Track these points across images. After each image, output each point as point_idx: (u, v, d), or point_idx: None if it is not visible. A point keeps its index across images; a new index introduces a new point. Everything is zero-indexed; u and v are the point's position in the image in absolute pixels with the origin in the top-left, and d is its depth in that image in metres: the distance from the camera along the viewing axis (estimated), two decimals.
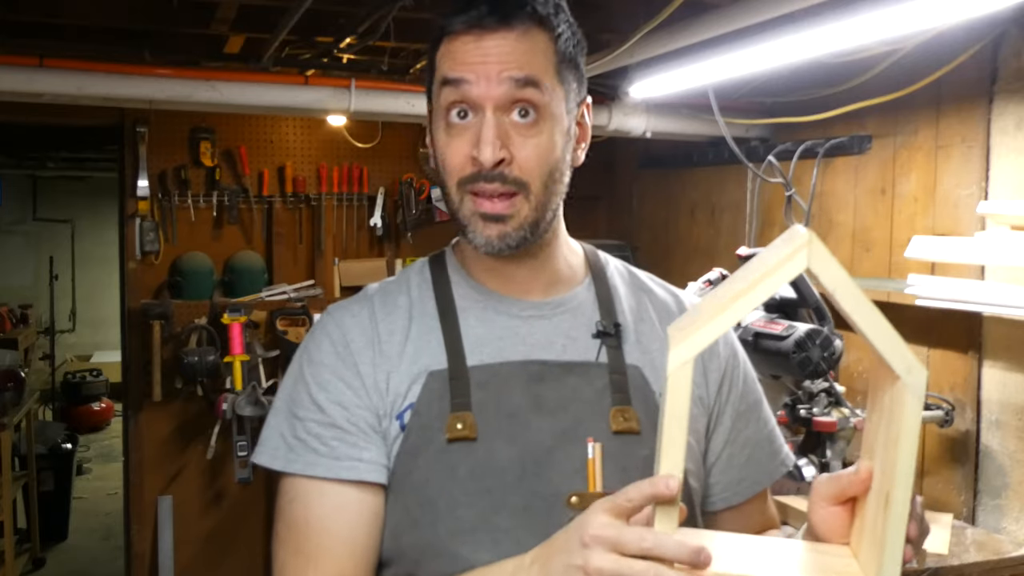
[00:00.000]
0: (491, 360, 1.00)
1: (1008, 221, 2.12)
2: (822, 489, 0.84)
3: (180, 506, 3.74)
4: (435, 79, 1.00)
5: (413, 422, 0.98)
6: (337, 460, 0.97)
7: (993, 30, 2.17)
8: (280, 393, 1.05)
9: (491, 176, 0.95)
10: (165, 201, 3.68)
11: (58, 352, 8.06)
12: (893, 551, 0.75)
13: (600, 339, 1.04)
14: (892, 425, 0.76)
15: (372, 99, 2.85)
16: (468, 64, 0.95)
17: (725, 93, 2.81)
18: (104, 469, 6.85)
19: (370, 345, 1.02)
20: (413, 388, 0.99)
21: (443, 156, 0.99)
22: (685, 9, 2.01)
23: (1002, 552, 2.07)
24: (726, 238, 3.29)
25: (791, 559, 0.81)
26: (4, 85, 2.49)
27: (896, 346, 0.74)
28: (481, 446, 0.96)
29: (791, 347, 2.07)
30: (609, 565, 0.73)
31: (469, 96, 0.95)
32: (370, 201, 3.92)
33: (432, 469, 0.96)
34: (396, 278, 1.10)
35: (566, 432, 0.98)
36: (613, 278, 1.11)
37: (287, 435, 1.00)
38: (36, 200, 8.95)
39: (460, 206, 0.99)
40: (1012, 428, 2.18)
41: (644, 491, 0.75)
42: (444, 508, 0.95)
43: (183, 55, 2.82)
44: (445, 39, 0.98)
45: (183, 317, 3.65)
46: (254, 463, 1.03)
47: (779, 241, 0.78)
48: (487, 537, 0.94)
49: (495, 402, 0.98)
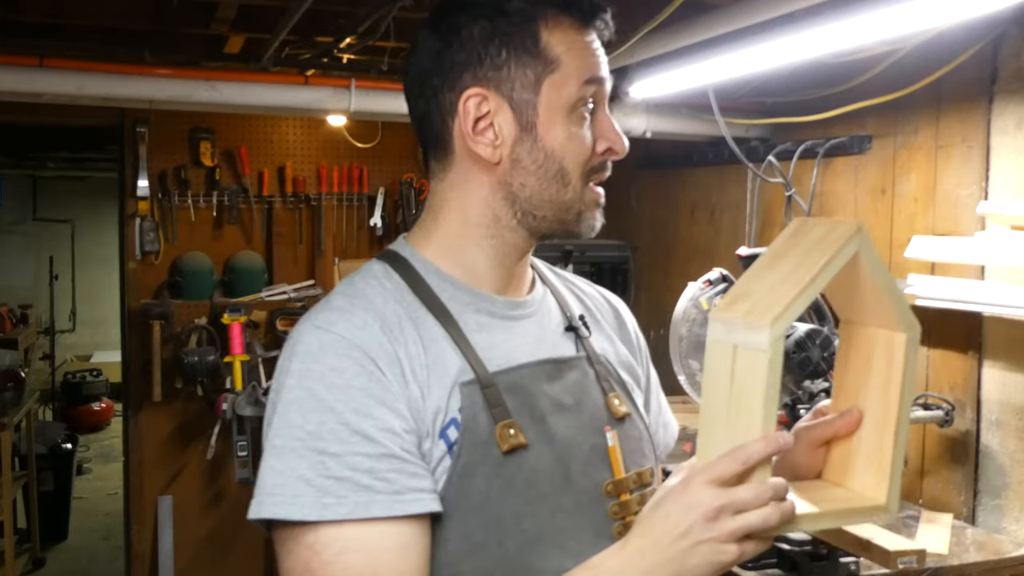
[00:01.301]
0: (506, 364, 0.99)
1: (1008, 221, 2.12)
2: (812, 434, 0.97)
3: (180, 506, 3.74)
4: (559, 71, 0.97)
5: (464, 439, 0.92)
6: (399, 495, 0.86)
7: (993, 30, 2.17)
8: (281, 431, 0.89)
9: (608, 167, 1.02)
10: (165, 201, 3.68)
11: (58, 352, 8.06)
12: (898, 472, 0.91)
13: (574, 332, 1.08)
14: (893, 372, 0.91)
15: (372, 99, 2.85)
16: (603, 62, 1.01)
17: (725, 93, 2.81)
18: (104, 469, 6.85)
19: (395, 360, 0.92)
20: (451, 403, 0.93)
21: (574, 148, 0.99)
22: (685, 9, 2.01)
23: (1002, 552, 2.06)
24: (726, 238, 3.29)
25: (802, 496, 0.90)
26: (4, 85, 2.49)
27: (908, 310, 0.91)
28: (531, 452, 0.95)
29: (791, 347, 2.07)
30: (739, 524, 0.82)
31: (603, 92, 1.00)
32: (370, 201, 3.92)
33: (492, 485, 0.92)
34: (364, 283, 0.99)
35: (584, 425, 1.01)
36: (549, 275, 1.15)
37: (313, 476, 0.86)
38: (36, 200, 8.95)
39: (582, 195, 1.00)
40: (1012, 428, 2.18)
41: (762, 450, 0.83)
42: (510, 523, 0.92)
43: (183, 55, 2.82)
44: (565, 28, 0.99)
45: (183, 317, 3.65)
46: (263, 518, 0.87)
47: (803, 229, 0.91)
48: (552, 542, 0.94)
49: (527, 407, 0.97)
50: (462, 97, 0.98)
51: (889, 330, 0.92)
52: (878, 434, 0.93)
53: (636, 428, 1.07)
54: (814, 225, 0.91)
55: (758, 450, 0.83)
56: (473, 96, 0.97)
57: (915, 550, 1.92)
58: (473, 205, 1.01)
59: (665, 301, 3.21)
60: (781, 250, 0.90)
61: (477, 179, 1.00)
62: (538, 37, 0.97)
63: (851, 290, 0.92)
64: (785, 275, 0.86)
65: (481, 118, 0.97)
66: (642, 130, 3.04)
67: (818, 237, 0.88)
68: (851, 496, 0.93)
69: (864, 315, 0.94)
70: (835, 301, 0.96)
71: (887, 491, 0.91)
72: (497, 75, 0.97)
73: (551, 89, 0.97)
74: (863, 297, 0.92)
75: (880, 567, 1.90)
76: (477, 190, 1.00)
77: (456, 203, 1.02)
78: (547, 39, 0.97)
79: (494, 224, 1.01)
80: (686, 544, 0.83)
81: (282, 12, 2.38)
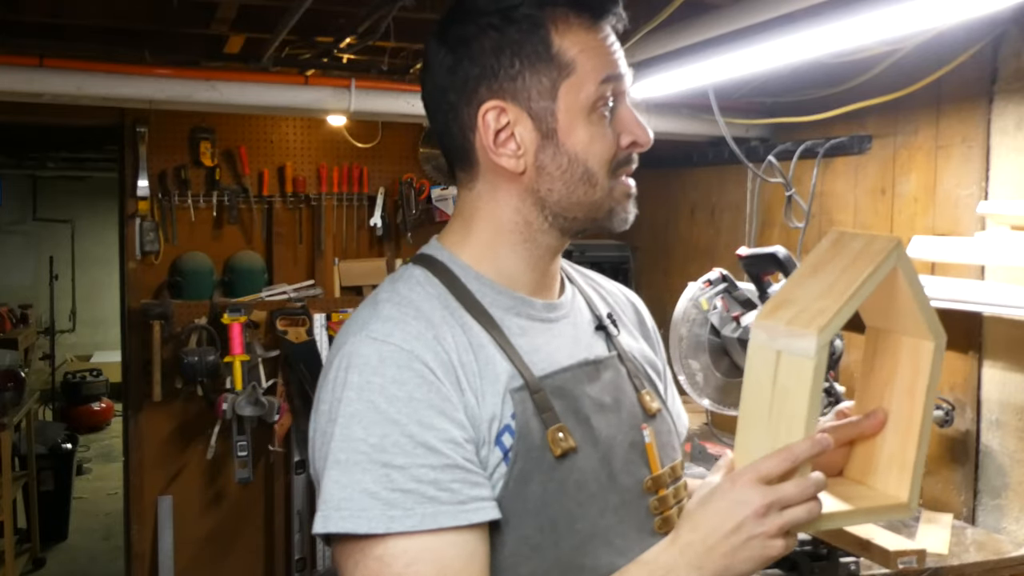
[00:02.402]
0: (549, 368, 1.00)
1: (1008, 221, 2.12)
2: (837, 434, 0.99)
3: (180, 506, 3.73)
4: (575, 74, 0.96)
5: (519, 446, 0.93)
6: (463, 504, 0.88)
7: (993, 30, 2.17)
8: (344, 444, 0.89)
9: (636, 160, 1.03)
10: (165, 201, 3.68)
11: (58, 352, 8.06)
12: (919, 472, 0.97)
13: (604, 331, 1.09)
14: (919, 377, 0.97)
15: (372, 99, 2.85)
16: (619, 58, 1.00)
17: (725, 93, 2.81)
18: (104, 469, 6.85)
19: (449, 368, 0.92)
20: (504, 409, 0.94)
21: (598, 148, 0.99)
22: (685, 9, 2.01)
23: (1002, 552, 2.07)
24: (726, 238, 3.29)
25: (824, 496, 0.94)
26: (4, 85, 2.48)
27: (935, 318, 0.96)
28: (580, 454, 0.97)
29: None
30: (787, 519, 0.87)
31: (622, 88, 1.00)
32: (370, 201, 3.92)
33: (547, 489, 0.94)
34: (409, 289, 0.99)
35: (623, 423, 1.03)
36: (571, 274, 1.16)
37: (379, 490, 0.86)
38: (36, 200, 8.95)
39: (610, 191, 1.01)
40: (1012, 428, 2.18)
41: (808, 450, 0.88)
42: (564, 525, 0.95)
43: (183, 55, 2.82)
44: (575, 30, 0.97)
45: (183, 317, 3.64)
46: (332, 532, 0.87)
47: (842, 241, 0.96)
48: (601, 541, 0.96)
49: (573, 409, 0.99)
50: (480, 111, 0.97)
51: (917, 338, 0.97)
52: (901, 435, 0.98)
53: (666, 423, 1.11)
54: (852, 238, 0.95)
55: (805, 449, 0.88)
56: (491, 109, 0.97)
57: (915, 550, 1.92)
58: (504, 213, 1.01)
59: (665, 301, 3.21)
60: (821, 260, 0.95)
61: (505, 188, 1.01)
62: (549, 42, 0.96)
63: (884, 300, 0.97)
64: (828, 286, 0.91)
65: (501, 130, 0.97)
66: None
67: (858, 250, 0.93)
68: (874, 494, 0.99)
69: (894, 323, 0.99)
70: (864, 308, 0.99)
71: (909, 489, 0.97)
72: (512, 86, 0.97)
73: (568, 93, 0.97)
74: (895, 307, 0.97)
75: (880, 567, 1.90)
76: (506, 199, 1.01)
77: (487, 212, 1.02)
78: (559, 43, 0.96)
79: (526, 229, 1.02)
80: (738, 539, 0.87)
81: (282, 12, 2.38)
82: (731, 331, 2.32)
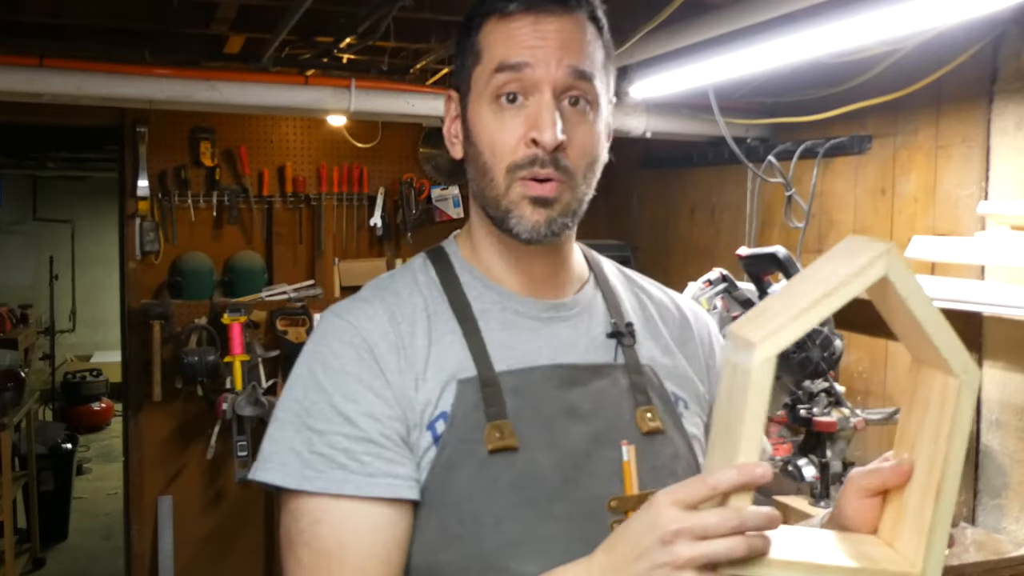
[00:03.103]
0: (519, 365, 0.98)
1: (1008, 221, 2.12)
2: (861, 482, 0.87)
3: (180, 506, 3.74)
4: (481, 63, 0.97)
5: (449, 434, 0.93)
6: (371, 477, 0.91)
7: (993, 30, 2.17)
8: (285, 403, 0.96)
9: (546, 161, 0.93)
10: (165, 201, 3.68)
11: (58, 352, 8.06)
12: (941, 538, 0.82)
13: (616, 339, 1.03)
14: (943, 421, 0.82)
15: (372, 99, 2.85)
16: (528, 47, 0.93)
17: (725, 93, 2.81)
18: (104, 469, 6.85)
19: (395, 350, 0.96)
20: (444, 397, 0.95)
21: (491, 140, 0.95)
22: (685, 9, 2.01)
23: (1002, 552, 2.07)
24: (726, 238, 3.29)
25: (833, 547, 0.84)
26: (4, 85, 2.49)
27: (958, 347, 0.81)
28: (521, 455, 0.94)
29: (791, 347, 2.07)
30: (699, 552, 0.74)
31: (529, 79, 0.93)
32: (370, 201, 3.92)
33: (474, 483, 0.92)
34: (399, 276, 1.04)
35: (599, 436, 0.97)
36: (610, 276, 1.11)
37: (302, 450, 0.92)
38: (36, 200, 8.95)
39: (507, 191, 0.95)
40: (1012, 428, 2.18)
41: (733, 479, 0.75)
42: (489, 522, 0.92)
43: (183, 55, 2.82)
44: (493, 20, 0.96)
45: (183, 317, 3.65)
46: (256, 480, 0.94)
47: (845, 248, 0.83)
48: (534, 548, 0.92)
49: (530, 409, 0.96)
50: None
51: (944, 373, 0.82)
52: (923, 490, 0.84)
53: (671, 445, 1.01)
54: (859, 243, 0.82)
55: (726, 479, 0.76)
56: (447, 100, 1.04)
57: None
58: (473, 207, 1.05)
59: None
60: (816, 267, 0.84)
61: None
62: (472, 32, 0.99)
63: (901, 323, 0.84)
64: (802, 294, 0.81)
65: (451, 119, 1.04)
66: (642, 130, 3.04)
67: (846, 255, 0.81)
68: (890, 557, 0.84)
69: (920, 353, 0.85)
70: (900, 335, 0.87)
71: (923, 558, 0.81)
72: (456, 77, 1.03)
73: (476, 81, 0.98)
74: (910, 331, 0.83)
75: None
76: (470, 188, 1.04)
77: (471, 202, 1.06)
78: (478, 33, 0.98)
79: (482, 222, 1.02)
80: (642, 566, 0.77)
81: (282, 12, 2.38)
82: None
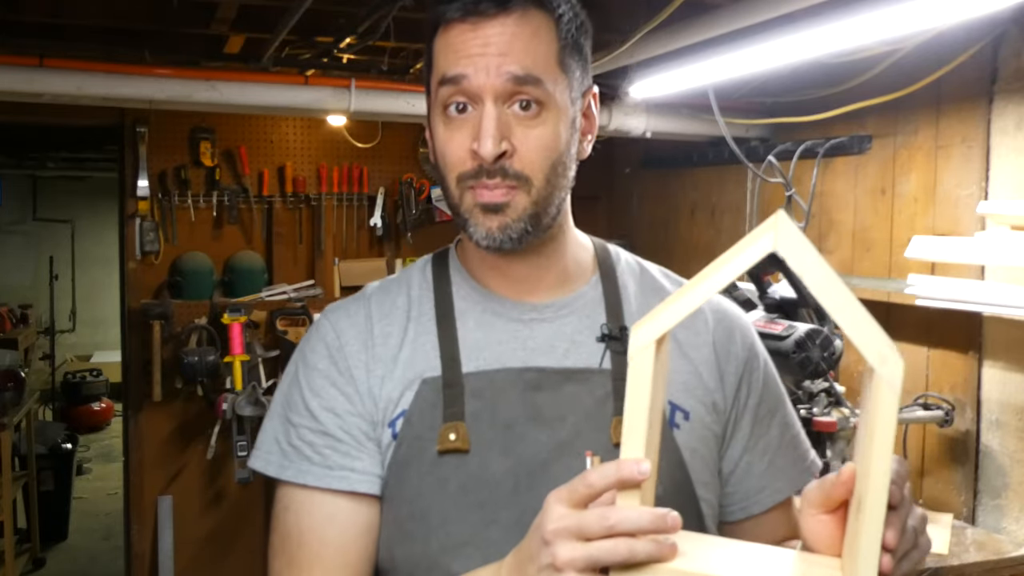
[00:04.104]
0: (487, 367, 0.96)
1: (1008, 221, 2.12)
2: (810, 496, 0.77)
3: (180, 506, 3.74)
4: (433, 74, 0.95)
5: (405, 432, 0.94)
6: (329, 469, 0.95)
7: (993, 30, 2.17)
8: (276, 396, 1.02)
9: (492, 171, 0.91)
10: (165, 201, 3.68)
11: (58, 352, 8.06)
12: (867, 561, 0.67)
13: (605, 343, 0.98)
14: (868, 421, 0.70)
15: (372, 99, 2.85)
16: (467, 57, 0.90)
17: (725, 93, 2.81)
18: (104, 469, 6.85)
19: (364, 348, 0.98)
20: (406, 395, 0.96)
21: (442, 151, 0.94)
22: (685, 9, 2.01)
23: (1002, 552, 2.07)
24: (726, 238, 3.29)
25: (773, 567, 0.74)
26: (4, 85, 2.49)
27: (871, 334, 0.67)
28: (474, 459, 0.92)
29: (791, 347, 2.07)
30: (579, 554, 0.70)
31: (468, 89, 0.91)
32: (370, 201, 3.92)
33: (423, 482, 0.93)
34: (398, 276, 1.06)
35: (564, 444, 0.93)
36: (623, 276, 1.05)
37: (282, 440, 0.98)
38: (36, 200, 8.95)
39: (461, 200, 0.94)
40: (1012, 428, 2.18)
41: (608, 476, 0.71)
42: (436, 522, 0.92)
43: (183, 55, 2.82)
44: (441, 29, 0.93)
45: (183, 317, 3.65)
46: (249, 467, 1.02)
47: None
48: (478, 552, 0.90)
49: (490, 412, 0.94)
50: None
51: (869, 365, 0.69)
52: (853, 503, 0.73)
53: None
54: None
55: (603, 475, 0.71)
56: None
57: None
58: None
59: None
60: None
61: None
62: (434, 37, 0.95)
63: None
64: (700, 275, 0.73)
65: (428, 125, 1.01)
66: (642, 130, 3.04)
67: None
68: None
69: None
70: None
71: None
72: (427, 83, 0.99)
73: (431, 92, 0.96)
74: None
75: None
76: None
77: None
78: (432, 42, 0.96)
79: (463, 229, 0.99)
80: (532, 569, 0.74)
81: (282, 12, 2.38)
82: None
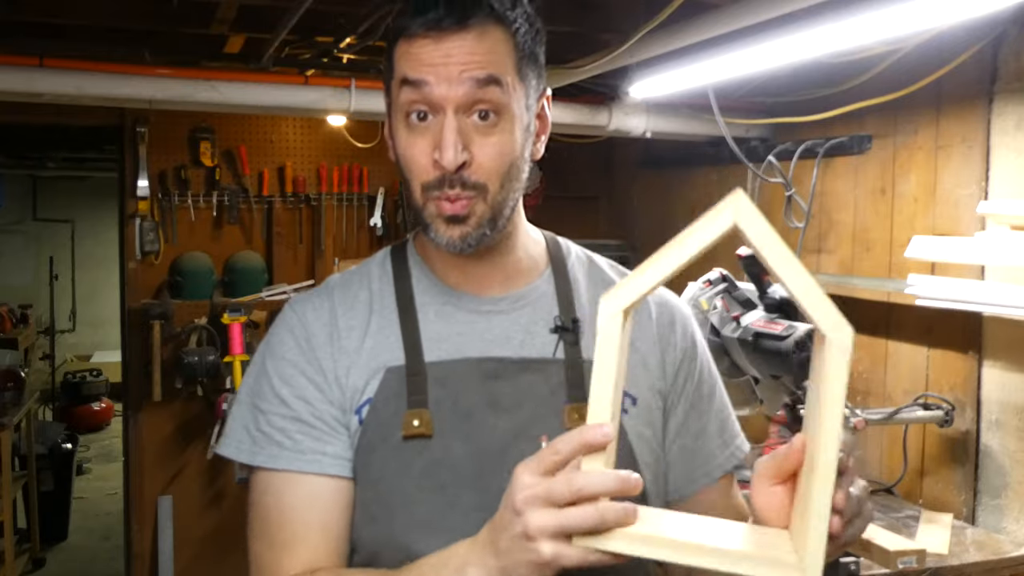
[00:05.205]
0: (448, 357, 1.01)
1: (1008, 221, 2.12)
2: (762, 467, 0.81)
3: (180, 506, 3.74)
4: (394, 77, 0.99)
5: (370, 418, 0.99)
6: (301, 454, 0.99)
7: (993, 30, 2.17)
8: (243, 385, 1.06)
9: (453, 181, 0.95)
10: (165, 201, 3.68)
11: (58, 352, 8.06)
12: (818, 521, 0.70)
13: (558, 334, 1.04)
14: (819, 387, 0.73)
15: (372, 99, 2.85)
16: (429, 65, 0.94)
17: (725, 93, 2.81)
18: (104, 469, 6.85)
19: (330, 340, 1.03)
20: (371, 383, 1.00)
21: (405, 156, 0.98)
22: (685, 9, 2.01)
23: (1002, 552, 2.06)
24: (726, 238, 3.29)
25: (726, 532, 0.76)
26: (4, 85, 2.49)
27: (822, 304, 0.72)
28: (436, 443, 0.97)
29: (791, 347, 2.07)
30: (549, 521, 0.73)
31: (430, 97, 0.95)
32: (370, 201, 3.92)
33: (388, 466, 0.97)
34: (358, 269, 1.11)
35: (520, 430, 0.99)
36: (573, 269, 1.11)
37: (251, 428, 1.02)
38: (36, 200, 8.95)
39: (424, 207, 0.98)
40: (1012, 428, 2.18)
41: (573, 441, 0.74)
42: (399, 505, 0.97)
43: (183, 55, 2.82)
44: (402, 39, 0.97)
45: (183, 317, 3.65)
46: (218, 453, 1.05)
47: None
48: (442, 534, 0.92)
49: (452, 400, 0.99)
50: None
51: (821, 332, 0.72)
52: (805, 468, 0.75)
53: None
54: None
55: (568, 440, 0.75)
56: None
57: (915, 550, 1.92)
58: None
59: None
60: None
61: None
62: (395, 45, 0.99)
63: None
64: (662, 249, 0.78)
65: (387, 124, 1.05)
66: (642, 130, 3.04)
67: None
68: (773, 544, 0.75)
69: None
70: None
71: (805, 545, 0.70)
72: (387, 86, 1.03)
73: (392, 95, 1.00)
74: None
75: (880, 567, 1.90)
76: None
77: None
78: (393, 52, 0.99)
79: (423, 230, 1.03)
80: (504, 539, 0.77)
81: (282, 12, 2.37)
82: (731, 331, 2.31)
